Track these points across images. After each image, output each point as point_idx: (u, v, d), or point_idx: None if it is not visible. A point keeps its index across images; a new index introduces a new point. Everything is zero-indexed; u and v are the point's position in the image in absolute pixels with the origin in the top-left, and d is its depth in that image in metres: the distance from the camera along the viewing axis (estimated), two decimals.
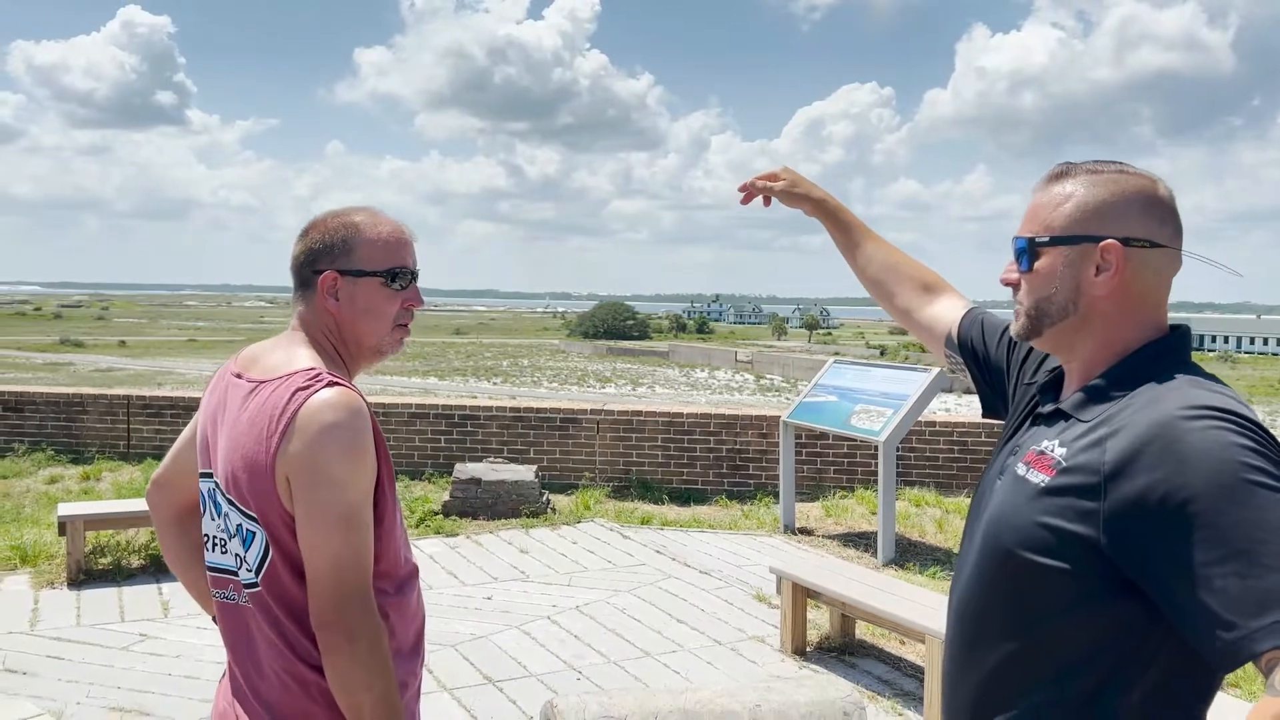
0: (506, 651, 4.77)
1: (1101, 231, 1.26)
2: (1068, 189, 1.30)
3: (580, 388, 43.84)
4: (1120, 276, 1.26)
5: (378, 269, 1.62)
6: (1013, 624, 1.25)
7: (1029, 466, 1.26)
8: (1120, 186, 1.28)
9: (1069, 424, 1.27)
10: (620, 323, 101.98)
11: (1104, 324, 1.28)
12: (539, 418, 8.84)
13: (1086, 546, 1.16)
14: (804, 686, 3.25)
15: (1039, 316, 1.32)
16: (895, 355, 69.86)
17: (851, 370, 7.44)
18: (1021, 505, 1.24)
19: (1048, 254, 1.30)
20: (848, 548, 6.90)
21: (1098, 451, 1.17)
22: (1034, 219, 1.32)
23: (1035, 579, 1.21)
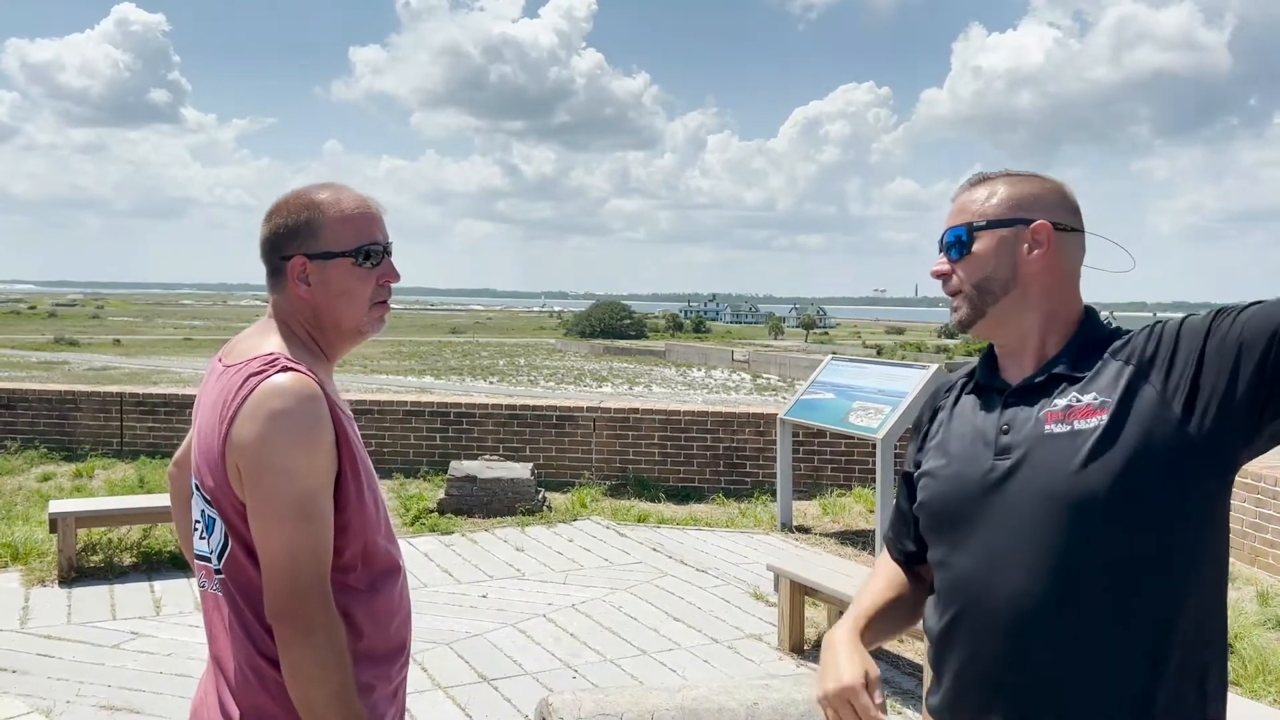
0: (502, 650, 4.73)
1: (1031, 215, 1.40)
2: (992, 188, 1.44)
3: (577, 387, 43.81)
4: (1052, 253, 1.39)
5: (346, 249, 1.55)
6: (1114, 576, 1.26)
7: (1064, 422, 1.31)
8: (1041, 183, 1.44)
9: (1071, 383, 1.34)
10: (617, 322, 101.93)
11: (1043, 297, 1.40)
12: (535, 415, 8.80)
13: (1169, 429, 1.25)
14: (802, 685, 3.21)
15: (981, 296, 1.41)
16: (892, 355, 69.89)
17: (849, 367, 7.41)
18: (1089, 454, 1.27)
19: (983, 240, 1.41)
20: (845, 545, 6.87)
21: (1128, 370, 1.30)
22: (964, 213, 1.44)
23: (1138, 506, 1.25)
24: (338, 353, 1.63)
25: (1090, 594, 1.27)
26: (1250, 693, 4.27)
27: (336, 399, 1.56)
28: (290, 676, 1.44)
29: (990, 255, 1.41)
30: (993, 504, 1.34)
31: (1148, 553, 1.26)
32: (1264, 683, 4.33)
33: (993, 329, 1.44)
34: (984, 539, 1.35)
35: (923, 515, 1.47)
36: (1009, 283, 1.40)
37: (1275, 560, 6.16)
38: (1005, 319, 1.42)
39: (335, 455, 1.48)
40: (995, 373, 1.46)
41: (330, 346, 1.61)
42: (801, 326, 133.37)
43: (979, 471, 1.37)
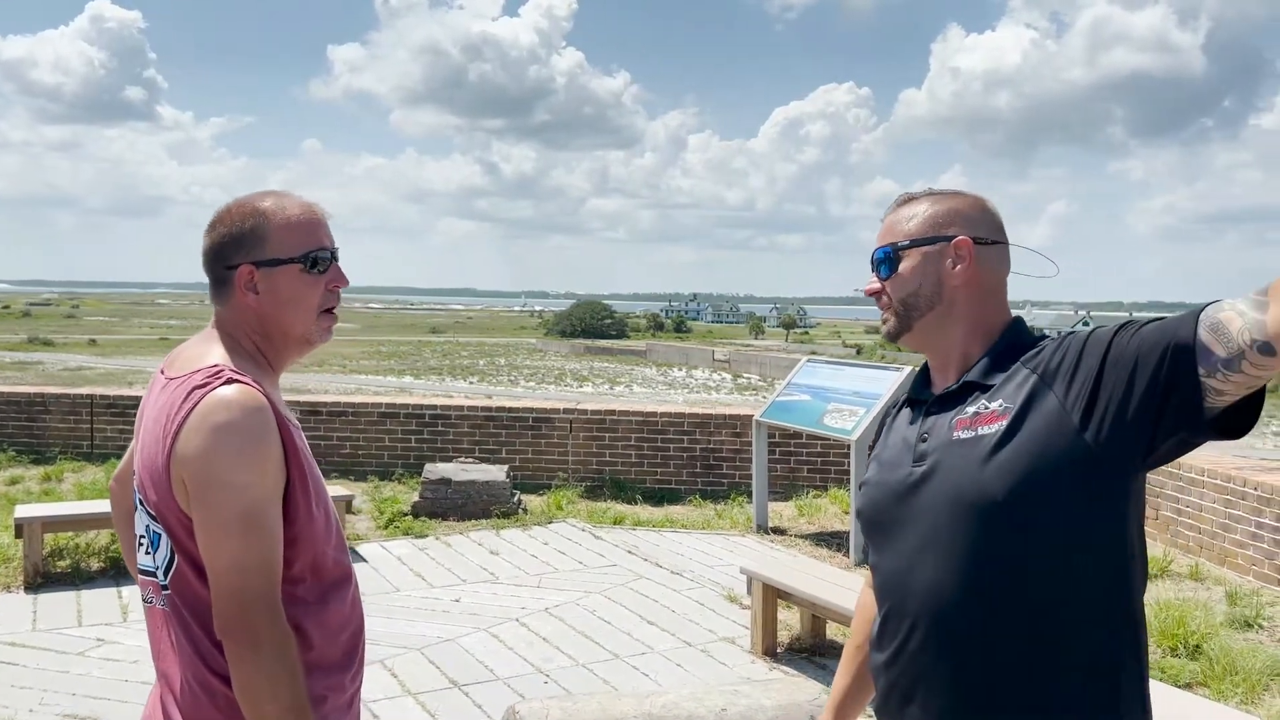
0: (473, 655, 4.70)
1: (953, 231, 1.46)
2: (916, 208, 1.50)
3: (557, 386, 43.73)
4: (973, 267, 1.45)
5: (294, 255, 1.53)
6: (1013, 574, 1.31)
7: (970, 429, 1.37)
8: (961, 200, 1.50)
9: (980, 392, 1.40)
10: (598, 321, 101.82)
11: (966, 309, 1.46)
12: (511, 417, 8.77)
13: (1065, 437, 1.29)
14: (771, 690, 3.20)
15: (908, 311, 1.48)
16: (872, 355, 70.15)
17: (825, 369, 7.42)
18: (987, 457, 1.32)
19: (908, 258, 1.48)
20: (820, 547, 6.87)
21: (1032, 379, 1.35)
22: (891, 233, 1.51)
23: (1032, 507, 1.29)
24: (284, 362, 1.62)
25: (994, 592, 1.32)
26: (1218, 694, 4.30)
27: (283, 409, 1.54)
28: (241, 692, 1.42)
29: (916, 272, 1.47)
30: (911, 508, 1.41)
31: (1045, 553, 1.30)
32: (1231, 684, 4.37)
33: (920, 341, 1.50)
34: (904, 541, 1.42)
35: (860, 522, 1.55)
36: (934, 298, 1.47)
37: (1244, 561, 6.22)
38: (931, 331, 1.49)
39: (284, 467, 1.47)
40: (926, 384, 1.53)
41: (277, 357, 1.60)
42: (782, 326, 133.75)
43: (899, 478, 1.45)
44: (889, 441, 1.54)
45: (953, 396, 1.44)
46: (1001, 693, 1.32)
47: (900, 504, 1.43)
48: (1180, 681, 4.42)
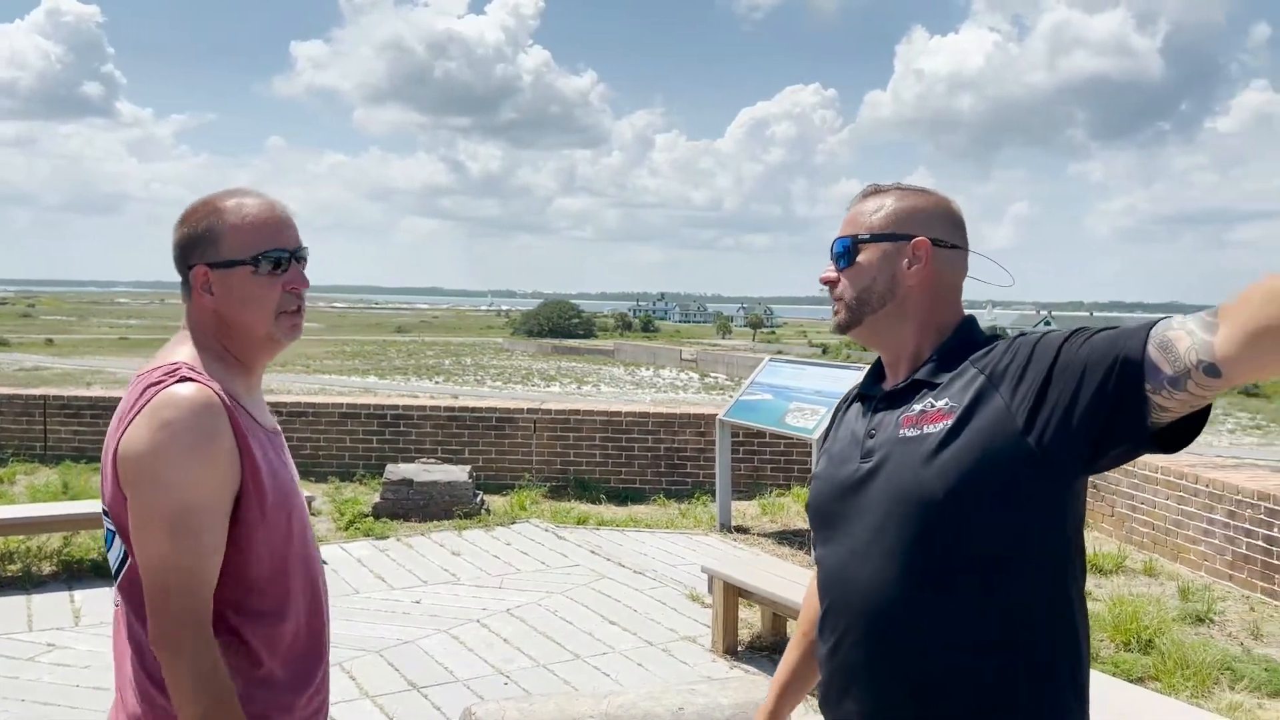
0: (433, 656, 4.67)
1: (913, 231, 1.47)
2: (881, 201, 1.50)
3: (524, 386, 43.59)
4: (929, 269, 1.46)
5: (244, 256, 1.51)
6: (953, 572, 1.31)
7: (916, 427, 1.38)
8: (926, 199, 1.50)
9: (928, 389, 1.41)
10: (565, 321, 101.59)
11: (917, 309, 1.47)
12: (474, 417, 8.72)
13: (1008, 439, 1.29)
14: (728, 688, 3.21)
15: (860, 306, 1.49)
16: (837, 353, 70.66)
17: (788, 368, 7.46)
18: (933, 453, 1.33)
19: (867, 252, 1.48)
20: (783, 545, 6.91)
21: (979, 379, 1.35)
22: (854, 225, 1.51)
23: (972, 507, 1.30)
24: (256, 361, 1.58)
25: (931, 589, 1.33)
26: (1169, 687, 4.38)
27: (253, 412, 1.53)
28: (172, 699, 1.40)
29: (872, 267, 1.48)
30: (856, 503, 1.42)
31: (983, 553, 1.31)
32: (1182, 677, 4.44)
33: (869, 336, 1.51)
34: (848, 536, 1.43)
35: (809, 515, 1.57)
36: (886, 295, 1.47)
37: (1196, 556, 6.34)
38: (880, 328, 1.49)
39: (236, 472, 1.44)
40: (877, 380, 1.54)
41: (246, 355, 1.56)
42: (749, 326, 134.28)
43: (846, 473, 1.46)
44: (838, 435, 1.55)
45: (901, 393, 1.44)
46: (936, 690, 1.33)
47: (846, 499, 1.44)
48: (1132, 676, 4.49)
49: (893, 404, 1.45)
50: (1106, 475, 7.16)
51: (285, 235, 1.54)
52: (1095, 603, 5.58)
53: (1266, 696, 4.38)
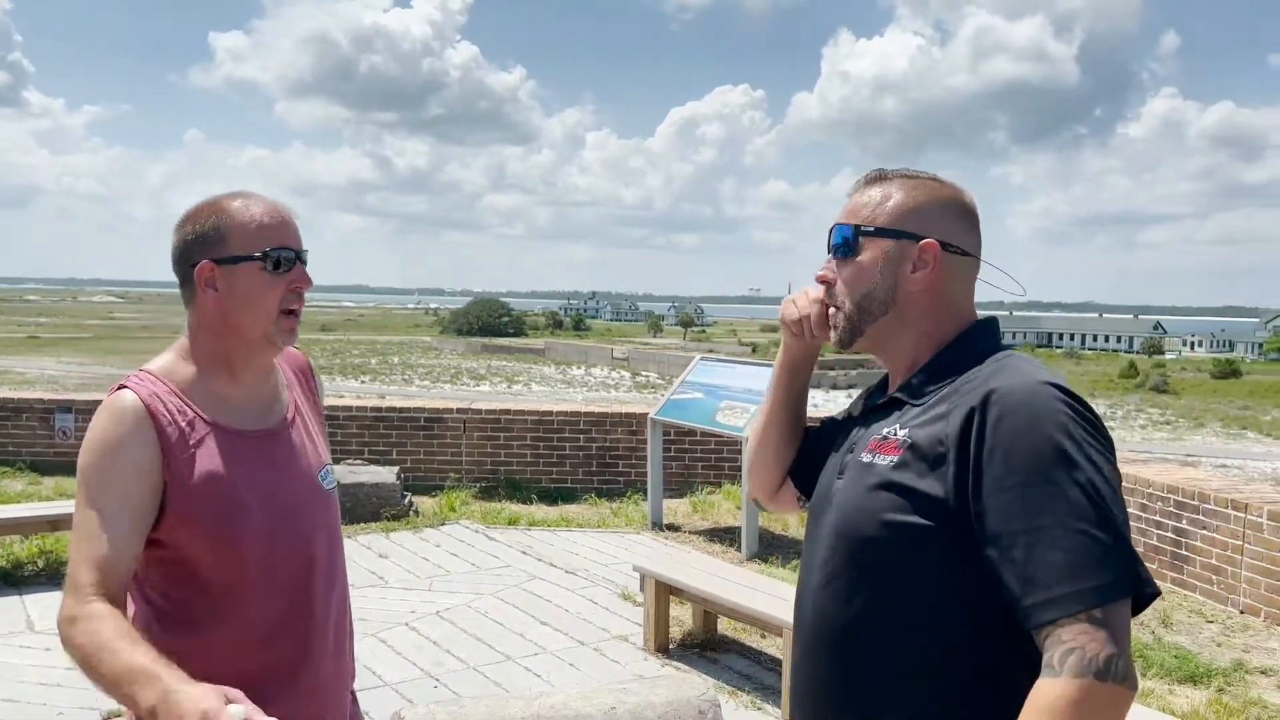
0: (360, 661, 4.53)
1: (921, 231, 1.33)
2: (886, 190, 1.36)
3: (453, 385, 43.10)
4: (936, 274, 1.33)
5: (253, 252, 1.55)
6: (880, 612, 1.26)
7: (874, 453, 1.30)
8: (937, 193, 1.36)
9: (904, 410, 1.32)
10: (495, 319, 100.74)
11: (920, 318, 1.35)
12: (402, 418, 8.60)
13: (938, 510, 1.20)
14: (660, 686, 3.22)
15: (860, 316, 1.37)
16: (766, 352, 71.50)
17: (718, 367, 7.52)
18: (872, 488, 1.27)
19: (869, 248, 1.35)
20: (714, 543, 6.96)
21: (941, 424, 1.23)
22: (855, 214, 1.37)
23: (897, 556, 1.24)
24: (247, 364, 1.62)
25: (855, 621, 1.29)
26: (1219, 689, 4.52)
27: (224, 417, 1.57)
28: None
29: (874, 269, 1.34)
30: (820, 520, 1.38)
31: (901, 599, 1.24)
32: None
33: (870, 347, 1.40)
34: (808, 554, 1.40)
35: None
36: (887, 302, 1.35)
37: None
38: (882, 338, 1.38)
39: (156, 473, 1.49)
40: (882, 387, 1.44)
41: (238, 358, 1.60)
42: (680, 324, 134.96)
43: (825, 487, 1.41)
44: (836, 444, 1.46)
45: (883, 408, 1.37)
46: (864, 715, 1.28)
47: (817, 514, 1.40)
48: None
49: (874, 418, 1.37)
50: None
51: (290, 235, 1.59)
52: None
53: (1177, 682, 4.55)
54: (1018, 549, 1.13)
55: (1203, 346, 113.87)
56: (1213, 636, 5.21)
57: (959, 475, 1.19)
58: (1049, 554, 1.11)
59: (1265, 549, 5.42)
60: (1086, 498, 1.12)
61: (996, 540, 1.15)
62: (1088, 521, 1.11)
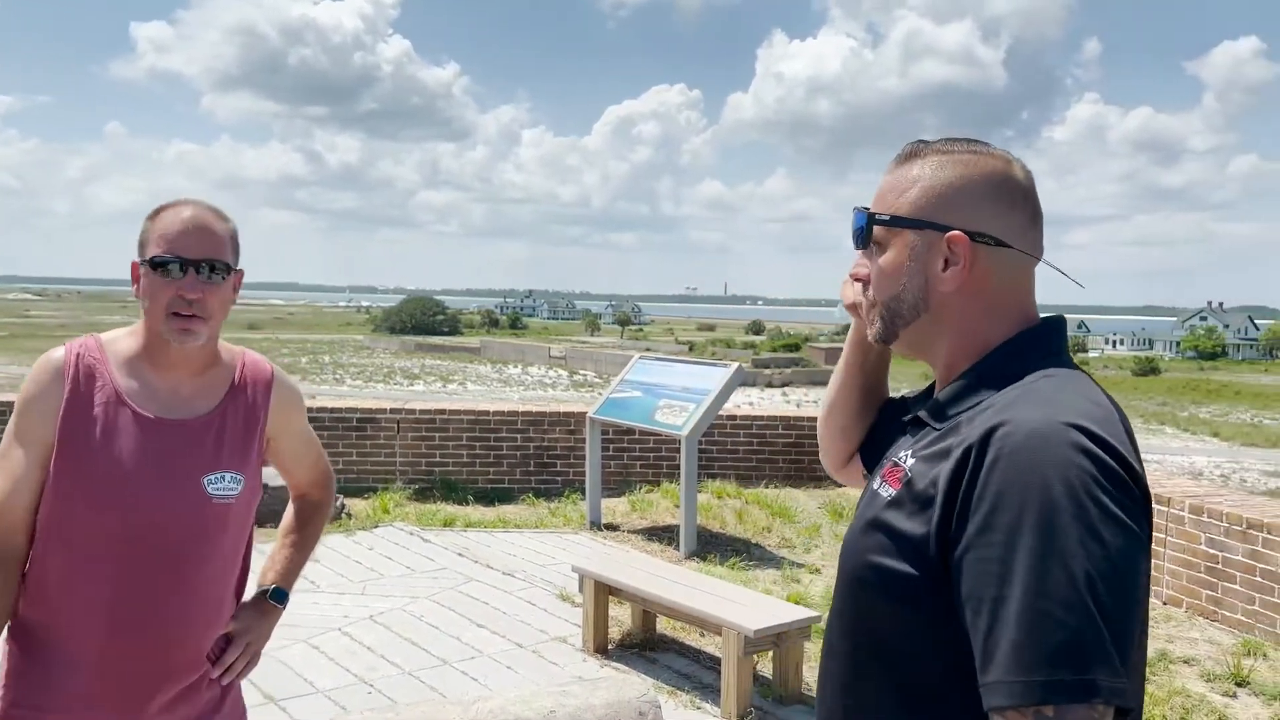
0: (292, 668, 4.46)
1: (948, 220, 1.13)
2: (915, 171, 1.17)
3: (386, 385, 42.47)
4: (970, 270, 1.13)
5: (149, 258, 1.70)
6: (866, 648, 1.15)
7: (883, 480, 1.16)
8: (969, 169, 1.15)
9: (922, 433, 1.17)
10: (429, 318, 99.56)
11: (958, 322, 1.16)
12: (334, 418, 8.41)
13: (921, 557, 1.06)
14: (600, 688, 3.19)
15: (892, 318, 1.20)
16: (703, 351, 71.91)
17: (656, 366, 7.51)
18: (867, 526, 1.15)
19: (894, 245, 1.18)
20: (652, 542, 6.94)
21: (939, 463, 1.07)
22: (880, 202, 1.20)
23: (882, 603, 1.11)
24: (163, 355, 1.75)
25: (855, 654, 1.17)
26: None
27: (135, 396, 1.71)
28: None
29: (900, 271, 1.17)
30: None
31: (895, 634, 1.11)
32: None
33: (906, 350, 1.24)
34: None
35: None
36: (918, 305, 1.17)
37: None
38: (918, 343, 1.21)
39: (55, 419, 1.67)
40: (927, 394, 1.28)
41: (154, 348, 1.75)
42: (617, 323, 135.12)
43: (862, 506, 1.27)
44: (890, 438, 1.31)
45: (911, 424, 1.21)
46: None
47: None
48: None
49: (908, 433, 1.22)
50: None
51: (187, 243, 1.69)
52: None
53: None
54: (983, 617, 0.96)
55: (1124, 345, 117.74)
56: None
57: (941, 523, 1.03)
58: (1009, 631, 0.94)
59: (1186, 542, 5.59)
60: (1068, 575, 0.93)
61: (967, 603, 0.99)
62: (1062, 604, 0.92)
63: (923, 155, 1.18)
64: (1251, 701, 4.41)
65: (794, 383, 49.92)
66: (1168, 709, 4.22)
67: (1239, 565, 5.26)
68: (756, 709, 4.13)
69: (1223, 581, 5.36)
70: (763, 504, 7.67)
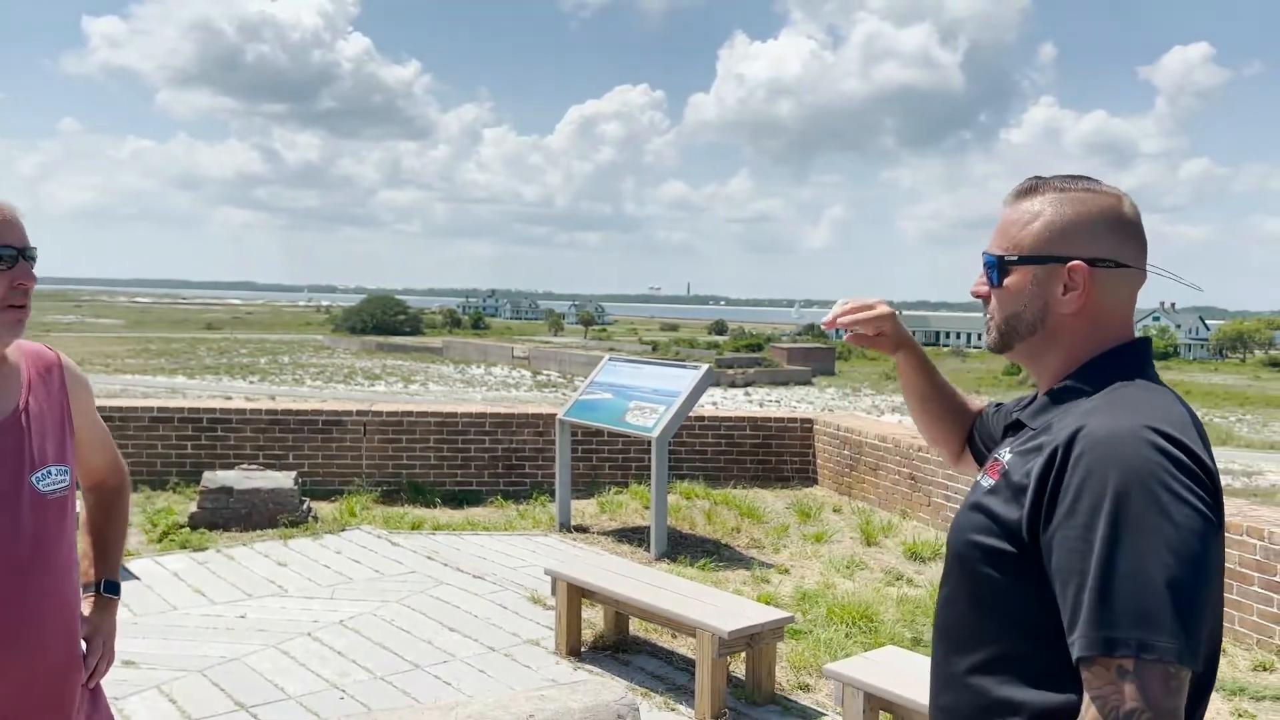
0: (261, 674, 4.41)
1: (1068, 252, 1.30)
2: (1036, 206, 1.34)
3: (347, 386, 42.00)
4: (1087, 295, 1.31)
5: None
6: (975, 624, 1.31)
7: (985, 474, 1.36)
8: (1087, 206, 1.32)
9: (1023, 432, 1.35)
10: (390, 317, 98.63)
11: (1070, 338, 1.34)
12: (299, 420, 8.32)
13: (1015, 539, 1.24)
14: (578, 692, 3.19)
15: (1009, 332, 1.38)
16: (667, 350, 72.00)
17: (625, 368, 7.51)
18: (971, 507, 1.33)
19: (1017, 271, 1.34)
20: (622, 543, 6.95)
21: (1033, 458, 1.24)
22: (1004, 235, 1.36)
23: (981, 573, 1.29)
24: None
25: (954, 622, 1.37)
26: None
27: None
28: None
29: (1022, 294, 1.34)
30: None
31: (986, 614, 1.30)
32: None
33: (1020, 359, 1.42)
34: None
35: None
36: (1036, 324, 1.35)
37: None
38: (1031, 354, 1.39)
39: None
40: (1031, 402, 1.47)
41: None
42: (580, 323, 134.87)
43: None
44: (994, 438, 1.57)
45: (1012, 427, 1.43)
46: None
47: None
48: None
49: (1008, 435, 1.43)
50: (922, 467, 7.61)
51: (11, 233, 1.63)
52: (917, 589, 5.91)
53: None
54: (1070, 588, 1.14)
55: None
56: None
57: (1032, 508, 1.21)
58: (1092, 597, 1.10)
59: None
60: (1140, 550, 1.09)
61: (1056, 576, 1.17)
62: (1136, 574, 1.08)
63: (1041, 191, 1.35)
64: (1212, 697, 4.52)
65: (756, 382, 50.15)
66: None
67: None
68: (730, 710, 4.16)
69: None
70: (731, 505, 7.71)
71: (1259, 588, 5.02)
